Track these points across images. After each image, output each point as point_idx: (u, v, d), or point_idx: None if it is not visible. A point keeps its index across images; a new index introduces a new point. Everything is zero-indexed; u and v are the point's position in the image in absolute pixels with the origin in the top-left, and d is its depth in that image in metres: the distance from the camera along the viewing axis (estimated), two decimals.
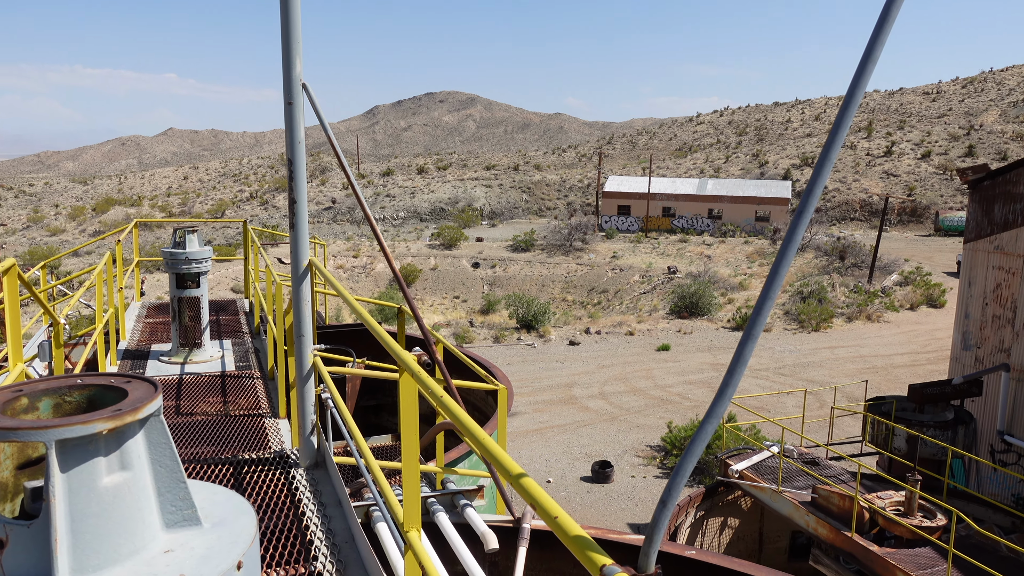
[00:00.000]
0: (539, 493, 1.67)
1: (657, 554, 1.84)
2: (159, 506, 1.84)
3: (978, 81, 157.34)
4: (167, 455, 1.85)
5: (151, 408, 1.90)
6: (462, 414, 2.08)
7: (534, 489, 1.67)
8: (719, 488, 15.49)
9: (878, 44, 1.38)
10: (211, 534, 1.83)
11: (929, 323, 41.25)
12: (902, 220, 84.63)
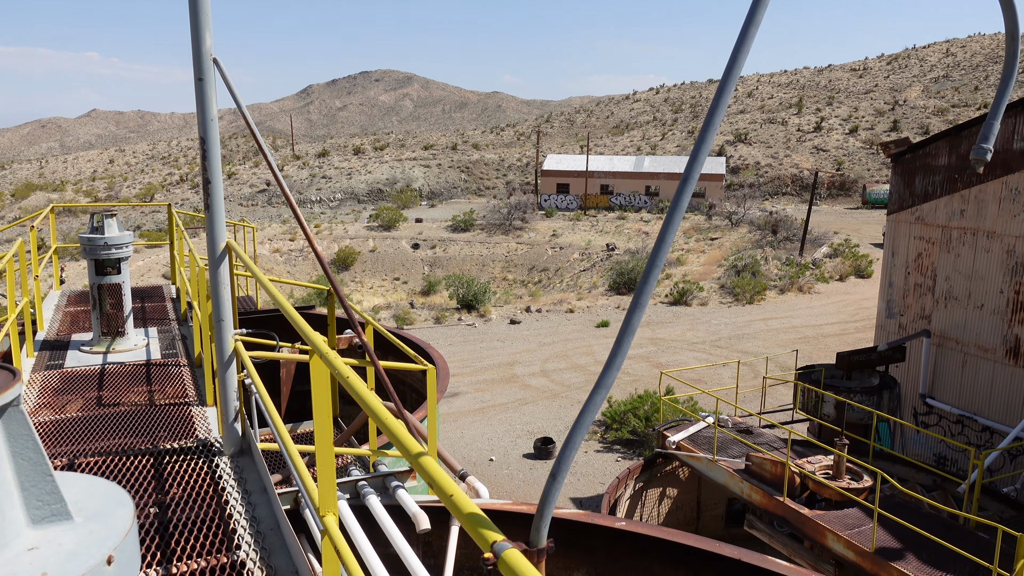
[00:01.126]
0: (436, 472, 1.63)
1: (549, 527, 1.82)
2: (23, 501, 1.71)
3: (902, 58, 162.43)
4: (30, 447, 1.72)
5: (6, 397, 1.76)
6: (369, 396, 2.02)
7: (432, 469, 1.62)
8: (657, 460, 15.77)
9: (753, 24, 1.36)
10: (82, 528, 1.72)
11: (857, 293, 42.67)
12: (831, 194, 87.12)
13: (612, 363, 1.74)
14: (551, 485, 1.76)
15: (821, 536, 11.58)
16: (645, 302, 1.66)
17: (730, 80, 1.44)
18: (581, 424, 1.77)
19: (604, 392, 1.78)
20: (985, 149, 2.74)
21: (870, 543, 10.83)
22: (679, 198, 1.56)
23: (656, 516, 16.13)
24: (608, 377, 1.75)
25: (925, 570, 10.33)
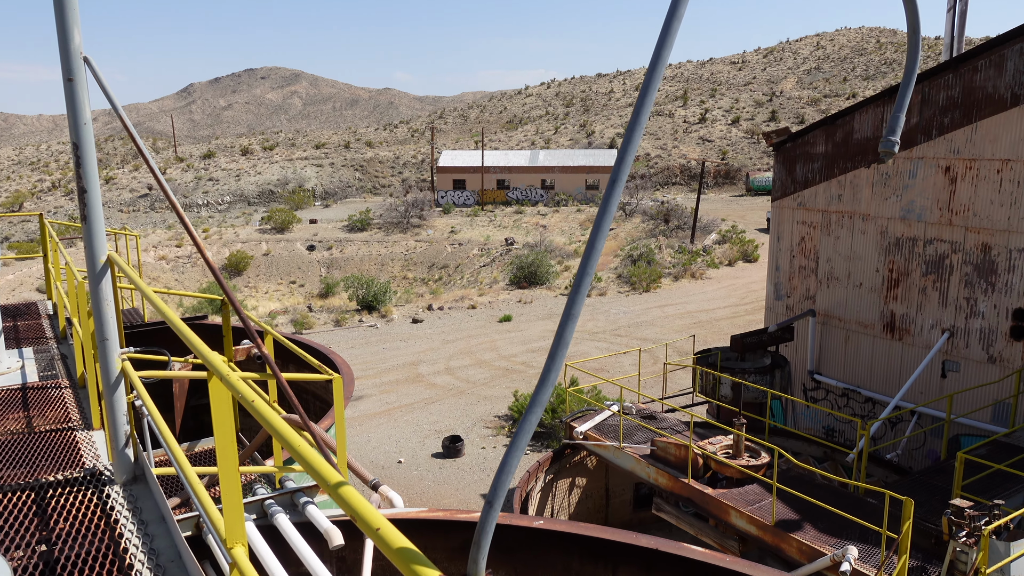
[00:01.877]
0: (359, 503, 1.53)
1: (487, 556, 1.75)
2: None
3: (777, 51, 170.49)
4: None
5: None
6: (277, 422, 1.88)
7: (353, 499, 1.52)
8: (566, 451, 15.96)
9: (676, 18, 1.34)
10: None
11: (746, 277, 44.57)
12: (718, 182, 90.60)
13: (546, 379, 1.68)
14: (487, 513, 1.69)
15: (725, 513, 12.00)
16: (577, 313, 1.61)
17: (654, 78, 1.41)
18: (516, 447, 1.71)
19: (539, 410, 1.72)
20: (893, 142, 2.85)
21: (770, 516, 11.30)
22: (606, 205, 1.51)
23: (567, 506, 16.33)
24: (542, 394, 1.69)
25: (821, 538, 10.86)
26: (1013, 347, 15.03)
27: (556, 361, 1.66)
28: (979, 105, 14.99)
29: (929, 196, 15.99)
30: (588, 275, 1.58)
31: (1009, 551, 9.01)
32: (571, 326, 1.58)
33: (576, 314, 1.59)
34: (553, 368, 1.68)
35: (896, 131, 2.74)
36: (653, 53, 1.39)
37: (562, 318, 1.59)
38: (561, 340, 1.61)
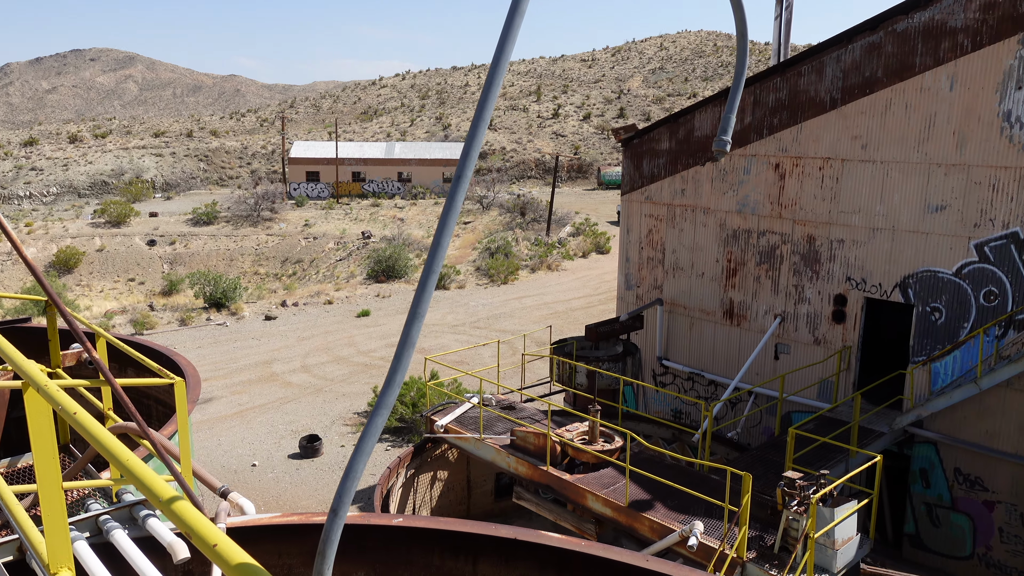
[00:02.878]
0: (193, 520, 1.43)
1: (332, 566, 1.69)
2: None
3: (624, 50, 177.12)
4: None
5: None
6: (100, 433, 1.73)
7: (186, 513, 1.43)
8: (427, 445, 15.91)
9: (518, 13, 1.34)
10: None
11: (599, 268, 46.16)
12: (571, 176, 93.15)
13: (392, 380, 1.64)
14: (332, 522, 1.64)
15: (582, 498, 12.39)
16: (424, 312, 1.58)
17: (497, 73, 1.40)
18: (362, 451, 1.66)
19: (385, 412, 1.68)
20: (724, 141, 3.01)
21: (624, 498, 11.78)
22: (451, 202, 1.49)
23: (429, 500, 16.29)
24: (388, 397, 1.65)
25: (671, 515, 11.45)
26: (835, 330, 16.45)
27: (402, 361, 1.63)
28: (803, 107, 16.24)
29: (761, 191, 17.17)
30: (434, 273, 1.56)
31: (834, 516, 9.86)
32: (417, 325, 1.55)
33: (422, 313, 1.57)
34: (399, 368, 1.64)
35: (727, 131, 2.90)
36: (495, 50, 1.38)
37: (408, 317, 1.56)
38: (407, 339, 1.58)
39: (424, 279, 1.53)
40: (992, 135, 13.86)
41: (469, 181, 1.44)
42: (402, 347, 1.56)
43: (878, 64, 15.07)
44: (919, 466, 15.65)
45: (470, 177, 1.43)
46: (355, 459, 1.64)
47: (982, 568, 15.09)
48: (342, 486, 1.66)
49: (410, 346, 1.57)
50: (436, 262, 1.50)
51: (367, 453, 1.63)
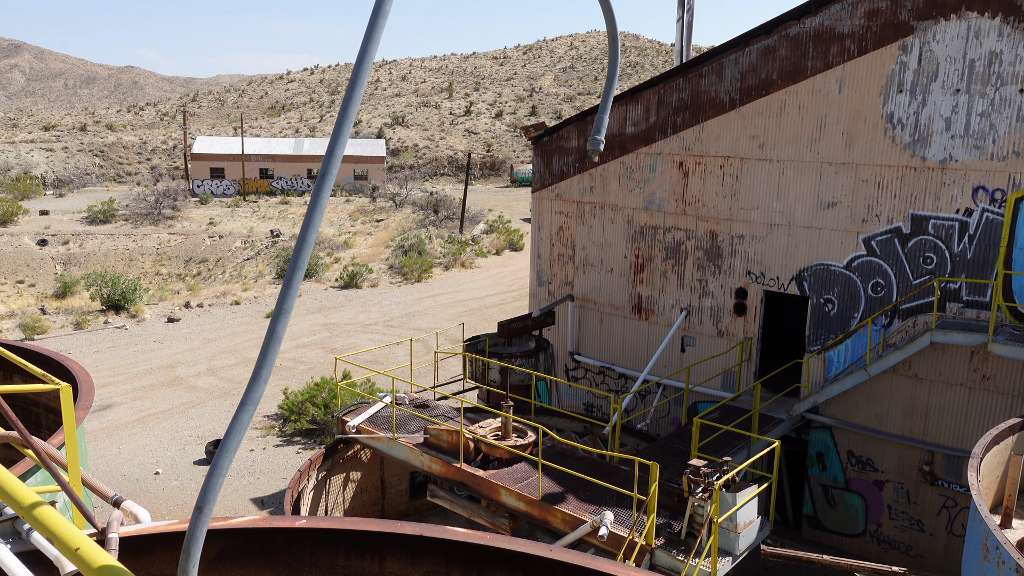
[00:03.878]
0: (55, 523, 1.39)
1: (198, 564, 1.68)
2: None
3: (536, 49, 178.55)
4: None
5: None
6: None
7: (49, 519, 1.38)
8: (339, 446, 15.69)
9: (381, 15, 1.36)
10: None
11: (513, 265, 46.45)
12: (484, 174, 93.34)
13: (258, 376, 1.64)
14: (196, 520, 1.62)
15: (495, 493, 12.48)
16: (290, 307, 1.58)
17: (362, 69, 1.41)
18: (227, 448, 1.64)
19: (252, 409, 1.67)
20: (598, 140, 3.10)
21: (537, 492, 11.93)
22: (316, 199, 1.50)
23: (342, 501, 16.07)
24: (255, 392, 1.64)
25: (582, 507, 11.67)
26: (736, 322, 17.09)
27: (268, 358, 1.62)
28: (705, 107, 16.80)
29: (667, 188, 17.67)
30: (299, 271, 1.56)
31: (736, 501, 10.26)
32: (283, 321, 1.55)
33: (288, 309, 1.57)
34: (265, 365, 1.64)
35: (601, 131, 3.00)
36: (360, 48, 1.40)
37: (274, 314, 1.56)
38: (273, 336, 1.58)
39: (289, 276, 1.53)
40: (877, 135, 14.69)
41: (334, 180, 1.45)
42: (268, 344, 1.56)
43: (773, 67, 15.74)
44: (816, 450, 16.45)
45: (335, 176, 1.44)
46: (220, 457, 1.63)
47: (873, 544, 16.00)
48: (207, 484, 1.64)
49: (276, 342, 1.56)
50: (301, 259, 1.51)
51: (233, 450, 1.62)
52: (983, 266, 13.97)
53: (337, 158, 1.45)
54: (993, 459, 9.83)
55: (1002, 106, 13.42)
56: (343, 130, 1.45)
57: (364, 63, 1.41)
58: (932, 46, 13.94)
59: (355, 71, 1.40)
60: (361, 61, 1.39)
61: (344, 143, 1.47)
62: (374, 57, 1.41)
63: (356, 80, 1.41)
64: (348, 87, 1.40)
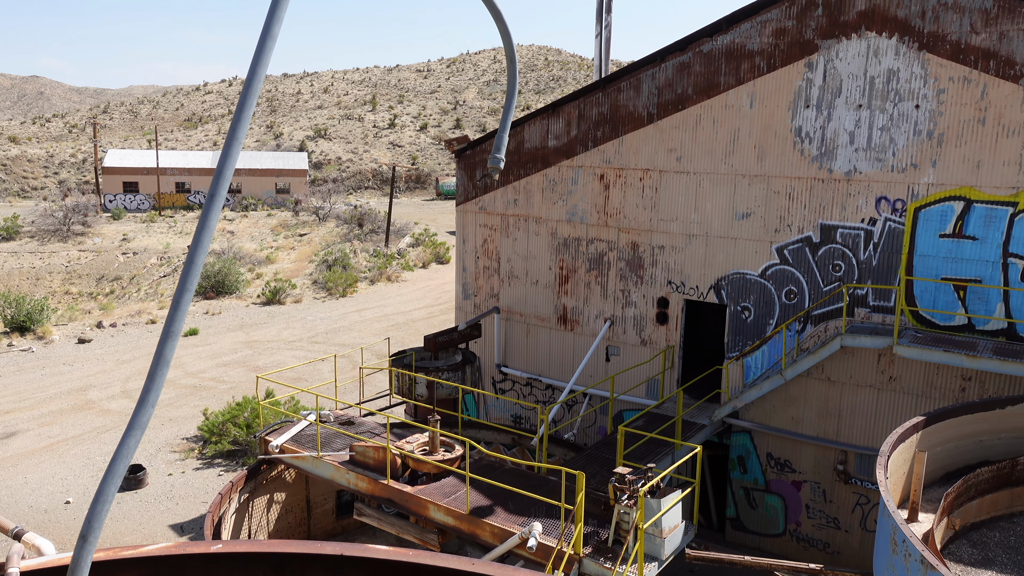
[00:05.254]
0: None
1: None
2: None
3: (459, 62, 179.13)
4: None
5: None
6: None
7: None
8: (262, 466, 15.29)
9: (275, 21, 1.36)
10: None
11: (439, 278, 46.30)
12: (409, 187, 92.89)
13: (145, 400, 1.60)
14: (80, 549, 1.56)
15: (424, 509, 12.38)
16: (178, 330, 1.55)
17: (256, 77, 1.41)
18: (112, 474, 1.60)
19: (139, 433, 1.63)
20: (498, 159, 3.15)
21: (465, 506, 11.89)
22: (205, 220, 1.48)
23: (266, 524, 15.65)
24: (142, 416, 1.61)
25: (511, 519, 11.69)
26: (659, 330, 17.47)
27: (156, 381, 1.59)
28: (624, 121, 17.17)
29: (589, 201, 17.96)
30: (188, 292, 1.54)
31: (660, 506, 10.46)
32: (171, 344, 1.53)
33: (177, 331, 1.55)
34: (152, 389, 1.61)
35: (501, 149, 3.05)
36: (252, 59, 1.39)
37: (161, 336, 1.54)
38: (161, 359, 1.55)
39: (177, 298, 1.51)
40: (787, 148, 15.30)
41: (224, 199, 1.44)
42: (155, 366, 1.53)
43: (688, 82, 16.23)
44: (737, 454, 16.92)
45: (224, 196, 1.44)
46: (105, 483, 1.58)
47: (793, 543, 16.54)
48: (91, 512, 1.59)
49: (164, 364, 1.54)
50: (190, 281, 1.49)
51: (119, 476, 1.58)
52: (887, 272, 14.69)
53: (226, 178, 1.44)
54: (900, 456, 10.31)
55: (900, 121, 14.18)
56: (232, 151, 1.45)
57: (253, 84, 1.40)
58: (836, 64, 14.63)
59: (244, 92, 1.40)
60: (250, 82, 1.39)
61: (234, 163, 1.46)
62: (262, 78, 1.41)
63: (245, 101, 1.41)
64: (237, 108, 1.40)
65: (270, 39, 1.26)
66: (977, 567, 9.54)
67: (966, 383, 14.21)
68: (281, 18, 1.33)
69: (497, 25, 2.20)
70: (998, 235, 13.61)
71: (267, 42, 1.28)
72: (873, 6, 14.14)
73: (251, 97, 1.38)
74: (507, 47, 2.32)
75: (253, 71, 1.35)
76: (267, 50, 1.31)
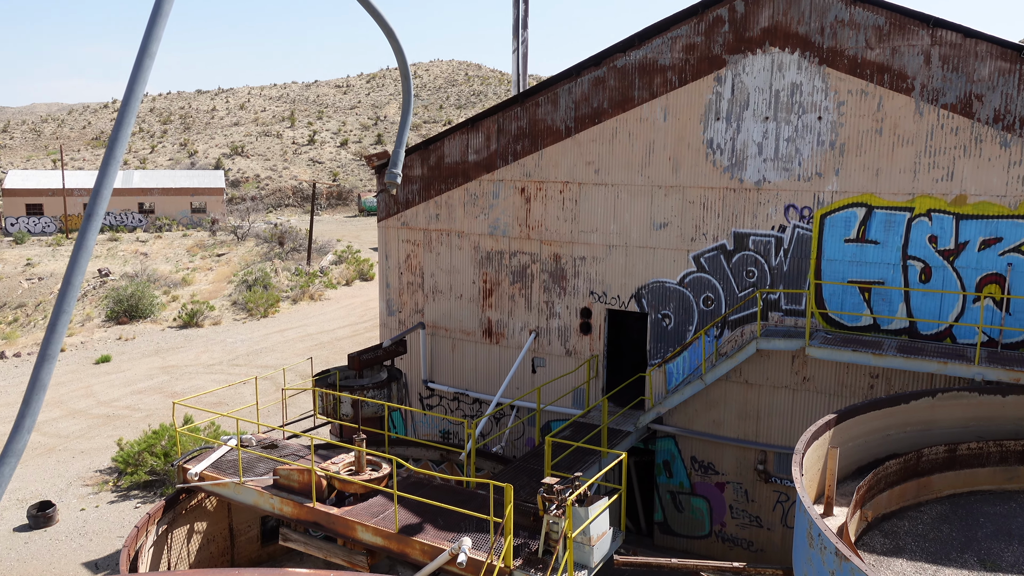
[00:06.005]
0: None
1: None
2: None
3: (379, 77, 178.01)
4: None
5: None
6: None
7: None
8: (180, 496, 14.74)
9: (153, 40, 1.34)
10: None
11: (364, 295, 45.72)
12: (331, 203, 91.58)
13: (20, 426, 1.54)
14: None
15: (351, 530, 12.16)
16: (54, 353, 1.51)
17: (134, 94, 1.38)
18: None
19: (14, 461, 1.57)
20: (395, 174, 3.17)
21: (393, 525, 11.74)
22: (82, 241, 1.45)
23: (187, 555, 15.08)
24: (17, 443, 1.55)
25: (441, 535, 11.59)
26: (583, 340, 17.68)
27: (31, 406, 1.54)
28: (543, 135, 17.39)
29: (510, 214, 18.09)
30: (65, 314, 1.50)
31: (588, 515, 10.56)
32: (48, 368, 1.48)
33: (53, 355, 1.50)
34: (28, 414, 1.56)
35: (398, 165, 3.07)
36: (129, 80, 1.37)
37: (36, 360, 1.48)
38: (36, 383, 1.50)
39: (53, 321, 1.47)
40: (700, 160, 15.78)
41: (101, 220, 1.41)
42: (30, 391, 1.48)
43: (604, 96, 16.57)
44: (662, 458, 17.25)
45: (102, 216, 1.40)
46: None
47: (719, 544, 16.93)
48: None
49: (40, 389, 1.49)
50: (67, 303, 1.45)
51: None
52: (797, 277, 15.28)
53: (104, 198, 1.41)
54: (814, 453, 10.71)
55: (804, 132, 14.81)
56: (109, 170, 1.41)
57: (131, 103, 1.37)
58: (743, 78, 15.19)
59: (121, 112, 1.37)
60: (127, 101, 1.36)
61: (111, 183, 1.42)
62: (140, 97, 1.38)
63: (122, 119, 1.38)
64: (114, 128, 1.36)
65: (148, 57, 1.24)
66: (889, 556, 9.98)
67: (874, 380, 14.89)
68: (159, 36, 1.30)
69: (391, 44, 2.21)
70: (897, 239, 14.34)
71: (144, 60, 1.26)
72: (775, 23, 14.77)
73: (129, 115, 1.35)
74: (401, 65, 2.34)
75: (131, 90, 1.33)
76: (144, 68, 1.28)
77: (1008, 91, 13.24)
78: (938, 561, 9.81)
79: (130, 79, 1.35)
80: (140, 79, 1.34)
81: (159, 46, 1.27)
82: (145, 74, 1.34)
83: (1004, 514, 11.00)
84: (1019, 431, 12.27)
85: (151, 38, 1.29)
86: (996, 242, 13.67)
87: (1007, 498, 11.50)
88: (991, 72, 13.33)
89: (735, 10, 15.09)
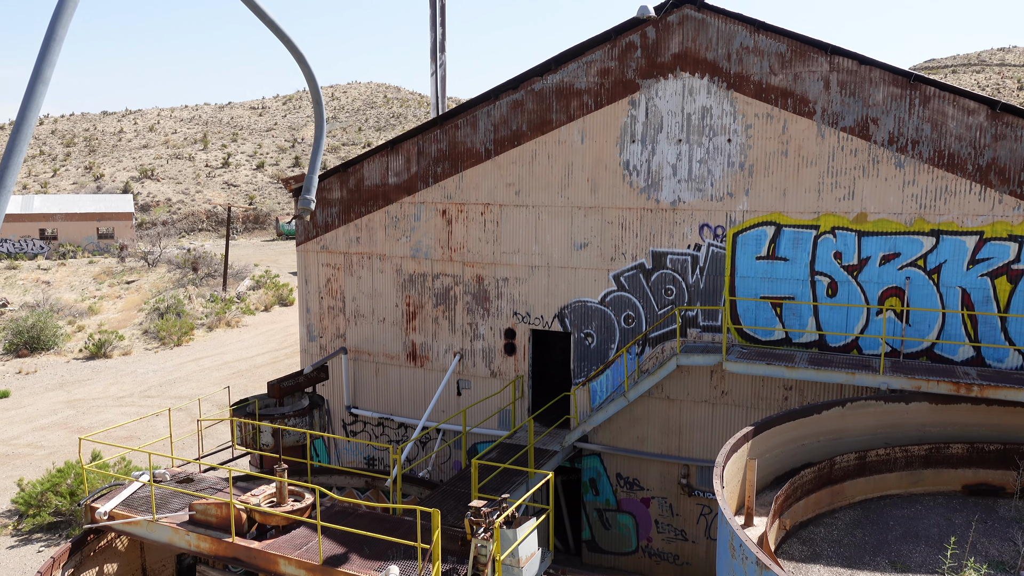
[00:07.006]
0: None
1: None
2: None
3: (296, 99, 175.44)
4: None
5: None
6: None
7: None
8: (88, 537, 13.97)
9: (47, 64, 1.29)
10: None
11: (283, 321, 44.65)
12: (247, 227, 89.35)
13: None
14: None
15: (273, 564, 11.77)
16: None
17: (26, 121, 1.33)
18: None
19: None
20: (308, 200, 3.14)
21: (318, 556, 11.43)
22: None
23: None
24: None
25: (367, 564, 11.35)
26: (507, 361, 17.73)
27: None
28: (463, 157, 17.46)
29: (432, 236, 18.05)
30: None
31: (516, 536, 10.54)
32: None
33: None
34: None
35: (311, 190, 3.05)
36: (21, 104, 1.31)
37: None
38: None
39: None
40: (617, 181, 16.13)
41: None
42: None
43: (523, 119, 16.78)
44: (588, 476, 17.38)
45: None
46: None
47: (646, 559, 17.14)
48: None
49: None
50: None
51: None
52: (713, 294, 15.75)
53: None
54: (734, 465, 11.00)
55: (716, 154, 15.34)
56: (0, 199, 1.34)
57: (23, 130, 1.32)
58: (656, 101, 15.65)
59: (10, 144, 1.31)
60: (18, 129, 1.30)
61: (2, 210, 1.35)
62: (33, 125, 1.32)
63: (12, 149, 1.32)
64: (3, 158, 1.30)
65: (41, 83, 1.19)
66: (807, 562, 10.31)
67: (788, 392, 15.42)
68: (53, 62, 1.26)
69: (301, 69, 2.19)
70: (805, 255, 14.97)
71: (37, 87, 1.21)
72: (685, 49, 15.30)
73: (21, 144, 1.29)
74: (313, 91, 2.32)
75: (23, 116, 1.27)
76: (38, 94, 1.23)
77: (900, 115, 14.06)
78: (853, 565, 10.19)
79: (21, 107, 1.30)
80: (33, 106, 1.28)
81: (53, 71, 1.22)
82: (38, 100, 1.28)
83: (911, 516, 11.54)
84: (923, 436, 12.92)
85: (44, 63, 1.24)
86: (895, 257, 14.43)
87: (913, 501, 12.06)
88: (884, 97, 14.13)
89: (647, 36, 15.56)
